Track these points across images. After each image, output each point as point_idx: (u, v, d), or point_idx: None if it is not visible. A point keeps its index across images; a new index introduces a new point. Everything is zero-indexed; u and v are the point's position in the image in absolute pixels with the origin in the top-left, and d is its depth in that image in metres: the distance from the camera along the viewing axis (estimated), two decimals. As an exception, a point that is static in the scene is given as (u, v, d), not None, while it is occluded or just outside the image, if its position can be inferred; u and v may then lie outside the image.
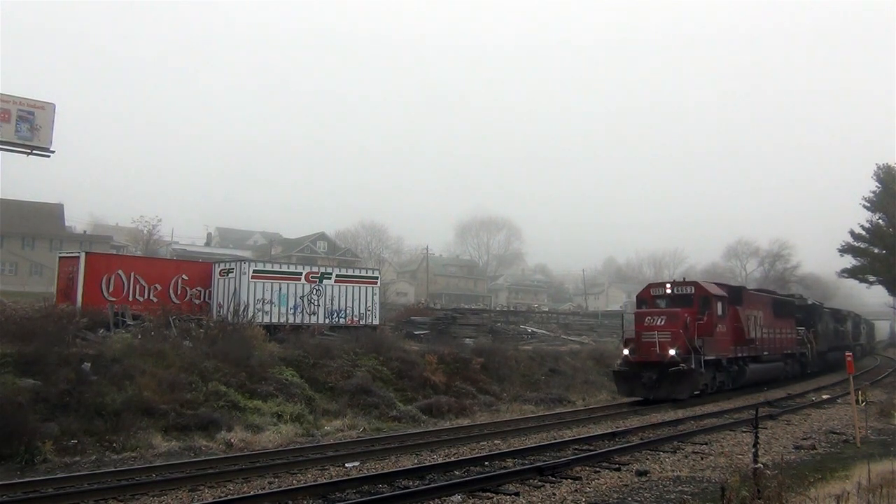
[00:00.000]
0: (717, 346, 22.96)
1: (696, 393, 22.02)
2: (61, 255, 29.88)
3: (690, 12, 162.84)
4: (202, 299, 28.19)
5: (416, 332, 32.87)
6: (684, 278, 30.15)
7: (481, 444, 14.26)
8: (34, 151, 22.86)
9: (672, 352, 21.15)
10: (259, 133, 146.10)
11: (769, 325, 28.54)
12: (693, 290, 23.44)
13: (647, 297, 24.08)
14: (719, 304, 23.70)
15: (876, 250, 53.15)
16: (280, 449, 13.78)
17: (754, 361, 26.20)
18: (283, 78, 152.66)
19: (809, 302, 37.00)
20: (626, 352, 22.66)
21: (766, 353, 27.30)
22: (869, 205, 53.05)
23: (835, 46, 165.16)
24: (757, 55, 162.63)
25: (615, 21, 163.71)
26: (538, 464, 11.47)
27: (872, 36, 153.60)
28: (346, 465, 11.92)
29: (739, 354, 24.96)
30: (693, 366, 21.17)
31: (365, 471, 11.40)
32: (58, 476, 11.04)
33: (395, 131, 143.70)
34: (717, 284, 26.09)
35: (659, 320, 22.11)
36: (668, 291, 23.68)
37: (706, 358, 22.00)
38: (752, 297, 28.14)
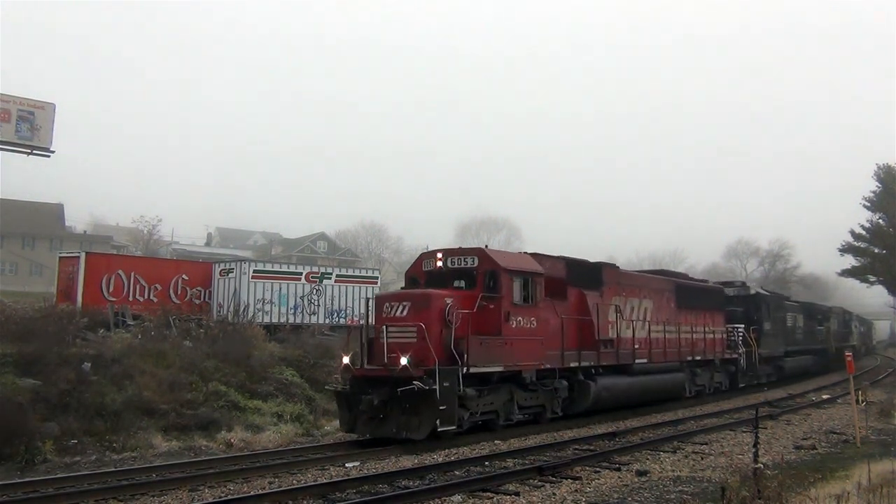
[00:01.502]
0: (508, 352, 14.64)
1: (451, 430, 13.55)
2: (61, 255, 29.92)
3: (690, 12, 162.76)
4: (202, 299, 28.22)
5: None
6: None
7: (481, 444, 14.26)
8: (34, 151, 22.88)
9: (404, 360, 13.19)
10: (259, 133, 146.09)
11: (669, 321, 21.30)
12: (476, 262, 15.05)
13: (419, 275, 15.90)
14: (521, 285, 15.13)
15: (876, 250, 53.24)
16: (280, 449, 13.77)
17: (617, 373, 18.42)
18: (284, 78, 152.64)
19: (753, 291, 29.63)
20: (345, 359, 14.43)
21: (644, 360, 19.48)
22: (869, 205, 53.16)
23: (835, 46, 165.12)
24: (757, 55, 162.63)
25: (615, 21, 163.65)
26: (538, 464, 11.47)
27: (873, 36, 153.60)
28: (346, 465, 11.92)
29: (578, 363, 16.83)
30: (440, 383, 13.03)
31: (365, 471, 11.40)
32: (58, 476, 11.05)
33: (395, 131, 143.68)
34: (546, 257, 17.12)
35: (400, 309, 14.10)
36: (440, 265, 15.37)
37: (479, 370, 13.96)
38: (627, 280, 20.23)
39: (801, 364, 33.94)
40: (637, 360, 19.30)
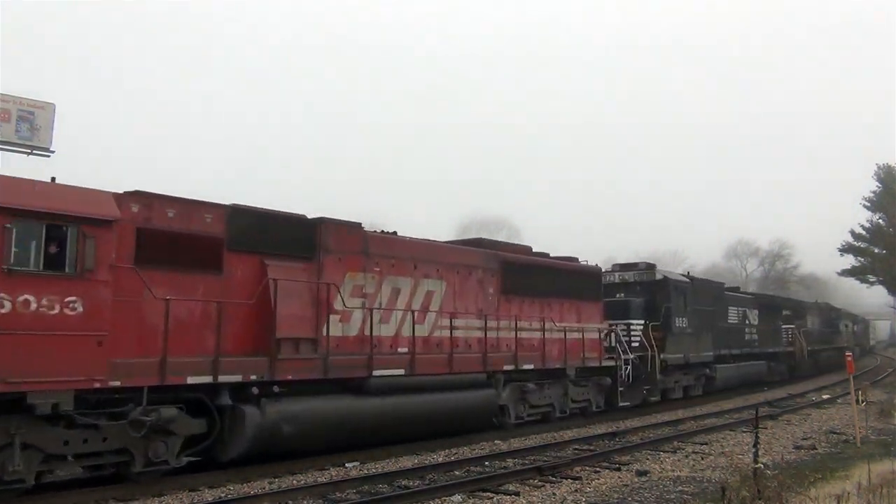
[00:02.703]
0: None
1: None
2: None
3: (690, 12, 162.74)
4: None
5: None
6: None
7: (481, 444, 14.26)
8: (34, 151, 22.87)
9: None
10: (259, 133, 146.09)
11: (484, 312, 15.31)
12: None
13: None
14: (28, 236, 8.95)
15: (876, 250, 53.25)
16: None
17: (338, 393, 12.16)
18: (284, 78, 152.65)
19: (660, 276, 22.11)
20: None
21: (399, 371, 13.18)
22: (869, 205, 53.18)
23: (835, 46, 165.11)
24: (757, 55, 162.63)
25: (615, 21, 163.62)
26: (538, 464, 11.48)
27: (873, 35, 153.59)
28: (346, 465, 11.91)
29: (213, 377, 10.42)
30: None
31: (365, 471, 11.40)
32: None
33: (395, 131, 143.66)
34: (159, 197, 10.47)
35: None
36: None
37: None
38: (382, 249, 13.61)
39: (745, 372, 26.91)
40: (380, 372, 12.65)
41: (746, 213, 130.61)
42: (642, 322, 20.54)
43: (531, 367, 16.19)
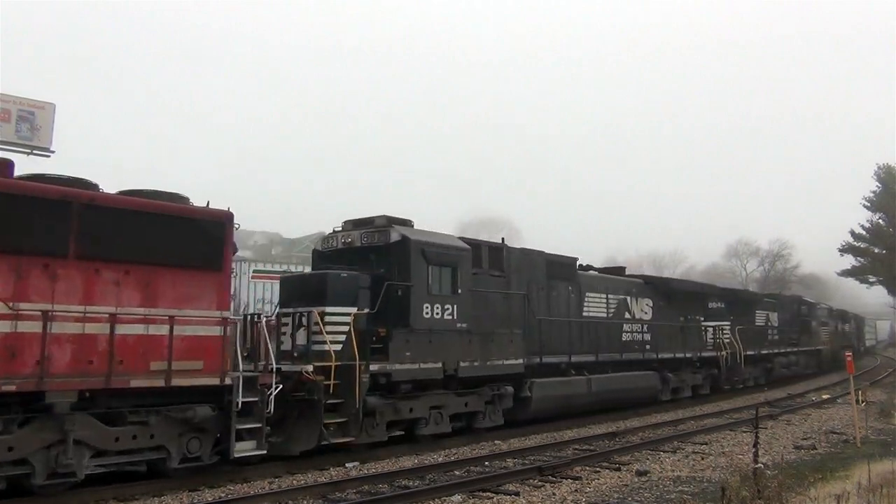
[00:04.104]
0: None
1: None
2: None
3: (689, 12, 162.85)
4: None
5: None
6: None
7: (481, 444, 14.27)
8: (34, 151, 22.92)
9: None
10: (259, 133, 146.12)
11: None
12: None
13: None
14: None
15: (876, 250, 53.26)
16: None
17: None
18: (283, 78, 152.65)
19: (397, 236, 13.59)
20: None
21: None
22: (869, 205, 53.22)
23: (835, 46, 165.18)
24: (757, 55, 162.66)
25: (614, 22, 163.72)
26: (538, 464, 11.48)
27: (873, 35, 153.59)
28: (346, 465, 11.91)
29: None
30: None
31: (365, 471, 11.40)
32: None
33: (395, 131, 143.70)
34: None
35: None
36: None
37: None
38: None
39: (607, 388, 18.05)
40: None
41: (746, 213, 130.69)
42: (346, 310, 12.48)
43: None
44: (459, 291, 14.24)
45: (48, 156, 23.26)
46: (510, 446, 13.91)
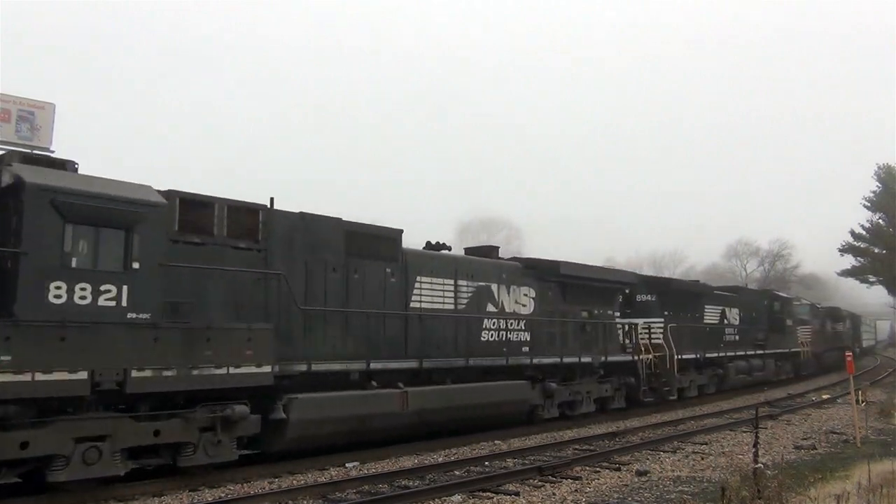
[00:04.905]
0: None
1: None
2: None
3: (689, 12, 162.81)
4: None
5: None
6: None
7: (481, 443, 14.28)
8: (34, 151, 22.90)
9: None
10: (259, 133, 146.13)
11: None
12: None
13: None
14: None
15: (876, 250, 53.27)
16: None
17: None
18: (283, 78, 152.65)
19: (9, 179, 9.25)
20: None
21: None
22: (869, 205, 53.22)
23: (835, 46, 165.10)
24: (757, 55, 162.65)
25: (614, 21, 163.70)
26: (538, 464, 11.48)
27: (873, 35, 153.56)
28: (347, 465, 11.92)
29: None
30: None
31: (365, 471, 11.40)
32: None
33: (395, 130, 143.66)
34: None
35: None
36: None
37: None
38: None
39: (441, 403, 13.78)
40: None
41: (746, 212, 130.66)
42: None
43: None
44: (136, 266, 9.64)
45: (48, 156, 23.26)
46: (510, 446, 13.92)
